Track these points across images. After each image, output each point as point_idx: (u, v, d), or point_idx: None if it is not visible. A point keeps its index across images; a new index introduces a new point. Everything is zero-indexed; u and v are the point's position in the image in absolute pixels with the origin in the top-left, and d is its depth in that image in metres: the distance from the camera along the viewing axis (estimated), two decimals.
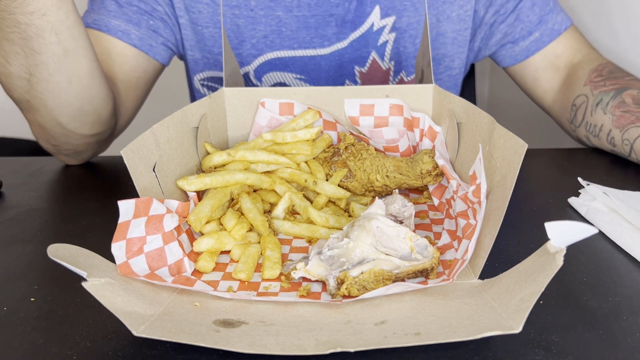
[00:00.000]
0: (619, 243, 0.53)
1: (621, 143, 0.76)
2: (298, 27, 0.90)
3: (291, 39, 0.91)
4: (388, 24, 0.91)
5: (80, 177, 0.78)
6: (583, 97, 0.85)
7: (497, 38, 0.95)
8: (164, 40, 0.91)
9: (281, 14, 0.90)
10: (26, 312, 0.44)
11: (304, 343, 0.37)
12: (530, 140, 0.45)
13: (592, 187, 0.61)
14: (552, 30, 0.92)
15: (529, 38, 0.92)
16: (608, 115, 0.79)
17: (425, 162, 0.58)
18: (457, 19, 0.92)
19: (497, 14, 0.93)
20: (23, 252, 0.54)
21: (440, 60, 0.96)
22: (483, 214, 0.45)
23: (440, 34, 0.93)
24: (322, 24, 0.90)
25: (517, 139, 0.44)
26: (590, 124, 0.83)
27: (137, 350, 0.39)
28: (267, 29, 0.90)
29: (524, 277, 0.38)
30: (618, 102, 0.78)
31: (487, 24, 0.94)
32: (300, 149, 0.64)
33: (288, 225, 0.56)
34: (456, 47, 0.95)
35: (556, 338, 0.39)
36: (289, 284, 0.47)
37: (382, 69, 0.94)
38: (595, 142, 0.83)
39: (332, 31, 0.91)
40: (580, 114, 0.85)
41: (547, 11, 0.92)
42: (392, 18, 0.91)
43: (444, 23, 0.92)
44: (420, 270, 0.46)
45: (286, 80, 0.95)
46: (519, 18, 0.92)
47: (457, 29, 0.93)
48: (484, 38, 0.96)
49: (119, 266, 0.43)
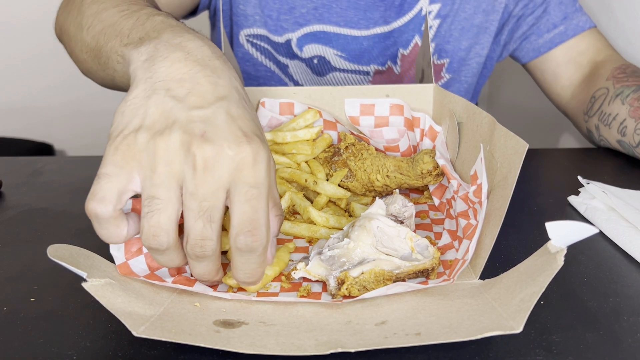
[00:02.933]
0: (616, 241, 0.53)
1: (632, 133, 0.77)
2: (348, 6, 0.93)
3: (339, 15, 0.93)
4: (434, 10, 0.95)
5: (80, 176, 0.78)
6: (604, 89, 0.86)
7: (523, 30, 0.97)
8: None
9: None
10: (26, 312, 0.44)
11: (304, 343, 0.37)
12: (531, 140, 0.45)
13: (592, 186, 0.61)
14: (576, 26, 0.94)
15: (553, 31, 0.95)
16: (626, 105, 0.80)
17: (425, 162, 0.58)
18: (491, 10, 0.96)
19: (526, 7, 0.95)
20: (23, 252, 0.54)
21: (471, 47, 0.99)
22: (484, 214, 0.45)
23: (474, 25, 0.97)
24: (372, 7, 0.93)
25: (518, 138, 0.44)
26: (604, 113, 0.84)
27: (137, 351, 0.39)
28: (319, 2, 0.93)
29: (524, 277, 0.38)
30: (639, 95, 0.79)
31: (515, 16, 0.97)
32: (301, 149, 0.64)
33: (288, 225, 0.55)
34: (487, 37, 0.98)
35: (557, 338, 0.39)
36: (289, 284, 0.47)
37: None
38: (603, 132, 0.83)
39: (379, 15, 0.94)
40: (597, 104, 0.86)
41: (572, 10, 0.94)
42: (438, 5, 0.95)
43: (480, 15, 0.96)
44: (421, 271, 0.46)
45: (326, 55, 0.96)
46: (546, 11, 0.95)
47: (489, 19, 0.97)
48: (510, 31, 0.98)
49: (119, 266, 0.43)
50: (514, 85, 1.05)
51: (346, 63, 0.97)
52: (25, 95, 1.76)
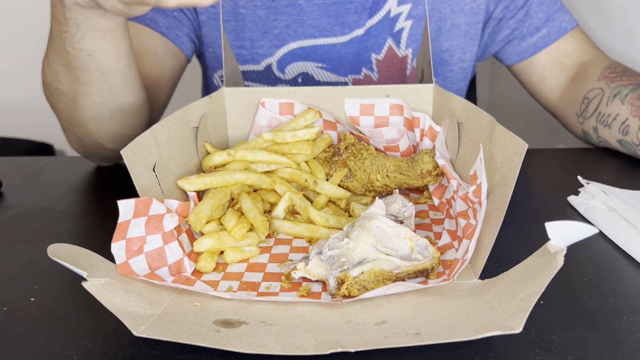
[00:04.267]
0: (616, 241, 0.53)
1: (637, 131, 0.76)
2: (319, 15, 0.91)
3: (313, 27, 0.91)
4: (404, 11, 0.92)
5: (80, 177, 0.78)
6: (598, 90, 0.85)
7: (505, 34, 0.95)
8: (187, 32, 0.92)
9: (302, 2, 0.90)
10: (26, 312, 0.44)
11: (304, 343, 0.37)
12: (531, 140, 0.45)
13: (592, 186, 0.61)
14: (559, 28, 0.92)
15: (536, 34, 0.93)
16: (626, 105, 0.79)
17: (425, 162, 0.58)
18: (470, 12, 0.93)
19: (507, 10, 0.93)
20: (23, 252, 0.54)
21: (454, 51, 0.96)
22: (483, 213, 0.45)
23: (454, 25, 0.94)
24: (342, 11, 0.91)
25: (518, 138, 0.44)
26: (603, 114, 0.83)
27: (137, 350, 0.39)
28: (290, 18, 0.91)
29: (524, 277, 0.38)
30: (638, 94, 0.78)
31: (495, 19, 0.94)
32: (301, 149, 0.64)
33: (288, 225, 0.56)
34: (468, 40, 0.95)
35: (557, 338, 0.39)
36: (289, 284, 0.47)
37: (399, 57, 0.94)
38: (602, 133, 0.83)
39: (351, 18, 0.91)
40: (593, 106, 0.85)
41: (554, 9, 0.92)
42: (408, 5, 0.92)
43: (458, 15, 0.93)
44: (421, 270, 0.46)
45: (309, 70, 0.95)
46: (528, 14, 0.92)
47: (469, 22, 0.94)
48: (491, 33, 0.96)
49: (119, 266, 0.43)
50: (514, 85, 1.05)
51: (327, 74, 0.95)
52: (26, 95, 1.75)
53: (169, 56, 0.90)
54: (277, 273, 0.49)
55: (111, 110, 0.70)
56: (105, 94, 0.68)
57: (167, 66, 0.89)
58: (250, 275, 0.49)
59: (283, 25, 0.91)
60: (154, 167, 0.51)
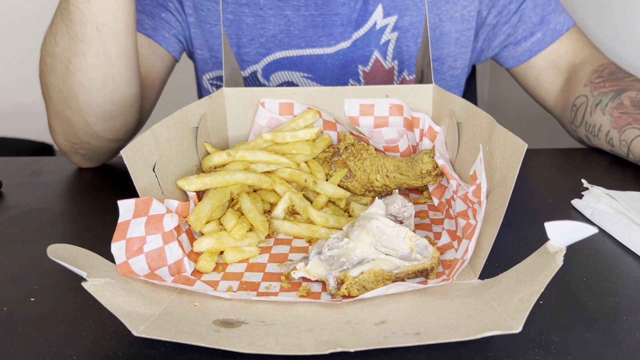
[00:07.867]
0: (627, 245, 0.52)
1: (619, 144, 0.77)
2: (306, 26, 0.91)
3: (299, 38, 0.91)
4: (390, 23, 0.91)
5: (80, 177, 0.78)
6: (583, 97, 0.85)
7: (500, 40, 0.94)
8: (175, 33, 0.92)
9: (290, 13, 0.90)
10: (26, 312, 0.44)
11: (303, 343, 0.37)
12: (530, 140, 0.45)
13: (596, 189, 0.61)
14: (554, 30, 0.91)
15: (531, 39, 0.92)
16: (607, 116, 0.79)
17: (425, 162, 0.58)
18: (460, 19, 0.92)
19: (500, 15, 0.92)
20: (23, 252, 0.54)
21: (444, 59, 0.95)
22: (483, 214, 0.45)
23: (443, 33, 0.93)
24: (329, 23, 0.91)
25: (517, 139, 0.44)
26: (589, 124, 0.83)
27: (137, 350, 0.39)
28: (276, 28, 0.91)
29: (523, 277, 0.38)
30: (617, 103, 0.78)
31: (489, 25, 0.94)
32: (300, 149, 0.64)
33: (288, 225, 0.56)
34: (459, 47, 0.95)
35: (556, 338, 0.39)
36: (289, 284, 0.47)
37: (385, 68, 0.94)
38: (595, 142, 0.83)
39: (338, 30, 0.91)
40: (580, 114, 0.85)
41: (549, 11, 0.92)
42: (394, 17, 0.91)
43: (447, 23, 0.92)
44: (420, 270, 0.46)
45: (293, 79, 0.95)
46: (521, 19, 0.92)
47: (460, 29, 0.93)
48: (486, 39, 0.96)
49: (119, 266, 0.43)
50: (514, 85, 1.05)
51: (313, 84, 0.95)
52: (26, 96, 1.76)
53: (154, 57, 0.90)
54: (277, 273, 0.49)
55: (103, 77, 0.70)
56: (100, 56, 0.69)
57: (152, 68, 0.90)
58: (250, 275, 0.49)
59: (269, 34, 0.91)
60: (154, 167, 0.51)
